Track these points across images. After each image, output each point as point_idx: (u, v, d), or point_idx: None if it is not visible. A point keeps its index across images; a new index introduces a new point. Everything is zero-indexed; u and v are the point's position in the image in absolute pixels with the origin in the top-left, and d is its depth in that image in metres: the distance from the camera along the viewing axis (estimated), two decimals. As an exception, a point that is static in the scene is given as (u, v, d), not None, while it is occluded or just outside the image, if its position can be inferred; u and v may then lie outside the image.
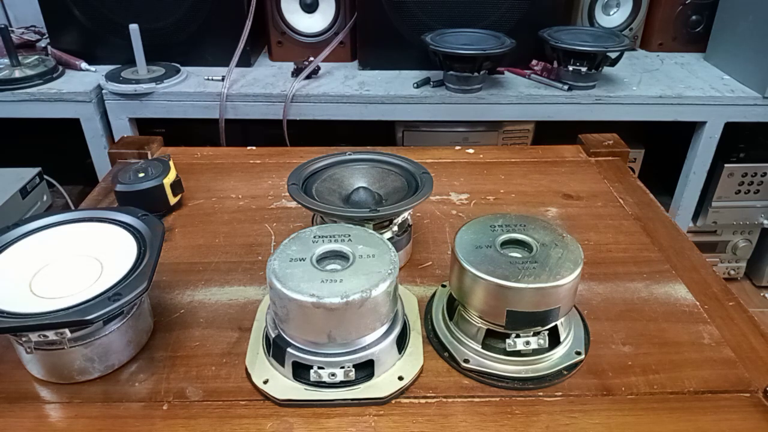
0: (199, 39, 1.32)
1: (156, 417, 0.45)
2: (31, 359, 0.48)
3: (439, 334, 0.52)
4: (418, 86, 1.27)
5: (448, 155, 0.87)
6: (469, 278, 0.47)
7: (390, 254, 0.47)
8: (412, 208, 0.58)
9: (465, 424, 0.45)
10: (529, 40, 1.28)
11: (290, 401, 0.46)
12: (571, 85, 1.25)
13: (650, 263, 0.64)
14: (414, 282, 0.61)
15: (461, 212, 0.74)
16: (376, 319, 0.46)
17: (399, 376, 0.48)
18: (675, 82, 1.31)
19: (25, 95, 1.21)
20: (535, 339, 0.49)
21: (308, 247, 0.48)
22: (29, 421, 0.45)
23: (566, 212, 0.74)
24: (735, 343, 0.53)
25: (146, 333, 0.52)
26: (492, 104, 1.25)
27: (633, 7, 1.43)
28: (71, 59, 1.31)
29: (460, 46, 1.20)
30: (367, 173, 0.64)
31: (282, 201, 0.75)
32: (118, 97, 1.23)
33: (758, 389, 0.48)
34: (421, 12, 1.28)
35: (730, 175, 1.41)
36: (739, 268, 1.60)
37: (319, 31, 1.35)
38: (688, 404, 0.47)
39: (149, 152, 0.85)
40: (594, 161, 0.86)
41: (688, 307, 0.57)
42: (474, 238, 0.50)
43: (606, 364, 0.50)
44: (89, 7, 1.27)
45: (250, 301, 0.57)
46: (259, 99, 1.24)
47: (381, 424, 0.45)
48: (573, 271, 0.46)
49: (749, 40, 1.29)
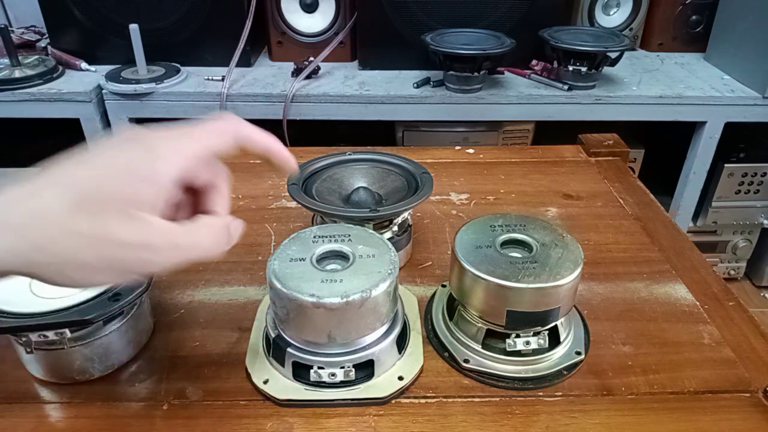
0: (199, 39, 1.32)
1: (156, 417, 0.45)
2: (31, 359, 0.48)
3: (439, 334, 0.52)
4: (418, 86, 1.27)
5: (448, 155, 0.87)
6: (469, 278, 0.47)
7: (390, 254, 0.47)
8: (412, 208, 0.58)
9: (465, 424, 0.45)
10: (529, 40, 1.28)
11: (290, 401, 0.46)
12: (571, 85, 1.26)
13: (650, 263, 0.64)
14: (414, 282, 0.61)
15: (461, 212, 0.74)
16: (376, 319, 0.46)
17: (399, 376, 0.48)
18: (675, 82, 1.32)
19: (25, 95, 1.21)
20: (535, 339, 0.49)
21: (308, 247, 0.48)
22: (29, 421, 0.45)
23: (566, 212, 0.74)
24: (735, 343, 0.53)
25: (146, 333, 0.52)
26: (492, 104, 1.25)
27: (633, 7, 1.43)
28: (71, 59, 1.31)
29: (460, 46, 1.20)
30: (367, 173, 0.64)
31: (282, 201, 0.75)
32: (118, 97, 1.23)
33: (758, 389, 0.48)
34: (421, 12, 1.28)
35: (730, 175, 1.41)
36: (739, 268, 1.60)
37: (319, 31, 1.35)
38: (688, 404, 0.47)
39: (149, 152, 0.85)
40: (594, 161, 0.86)
41: (688, 307, 0.57)
42: (474, 238, 0.50)
43: (606, 364, 0.50)
44: (89, 7, 1.27)
45: (250, 301, 0.57)
46: (259, 99, 1.24)
47: (381, 424, 0.45)
48: (573, 271, 0.46)
49: (749, 40, 1.29)
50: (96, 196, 0.29)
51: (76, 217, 0.29)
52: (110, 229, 0.29)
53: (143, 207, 0.30)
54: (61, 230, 0.28)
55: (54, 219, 0.29)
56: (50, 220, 0.28)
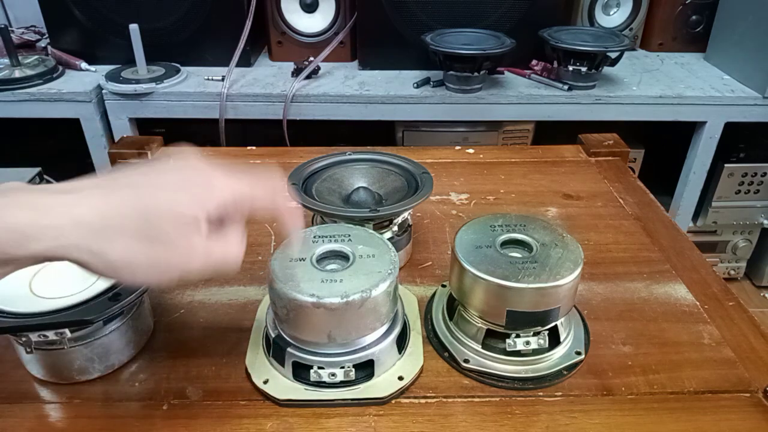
0: (199, 39, 1.32)
1: (156, 417, 0.45)
2: (31, 359, 0.48)
3: (439, 334, 0.52)
4: (418, 86, 1.27)
5: (448, 155, 0.87)
6: (469, 278, 0.47)
7: (390, 254, 0.47)
8: (412, 208, 0.58)
9: (465, 424, 0.45)
10: (529, 40, 1.28)
11: (290, 401, 0.46)
12: (571, 85, 1.25)
13: (650, 263, 0.64)
14: (414, 282, 0.61)
15: (461, 212, 0.74)
16: (376, 319, 0.46)
17: (399, 376, 0.48)
18: (675, 82, 1.31)
19: (25, 95, 1.21)
20: (535, 339, 0.49)
21: (308, 247, 0.48)
22: (29, 421, 0.45)
23: (566, 212, 0.74)
24: (735, 343, 0.53)
25: (146, 333, 0.52)
26: (492, 104, 1.25)
27: (633, 7, 1.43)
28: (71, 59, 1.31)
29: (460, 46, 1.20)
30: (367, 173, 0.64)
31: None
32: (118, 97, 1.23)
33: (758, 389, 0.48)
34: (421, 12, 1.28)
35: (730, 175, 1.41)
36: (739, 268, 1.60)
37: (319, 31, 1.35)
38: (688, 404, 0.47)
39: (149, 152, 0.85)
40: (594, 161, 0.86)
41: (688, 307, 0.57)
42: (474, 238, 0.50)
43: (606, 364, 0.50)
44: (89, 7, 1.27)
45: (250, 301, 0.57)
46: (259, 99, 1.24)
47: (381, 424, 0.45)
48: (573, 271, 0.46)
49: (749, 40, 1.29)
50: (157, 210, 0.34)
51: (139, 224, 0.34)
52: (164, 238, 0.34)
53: (191, 223, 0.36)
54: (124, 233, 0.33)
55: (121, 225, 0.33)
56: (117, 225, 0.33)
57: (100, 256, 0.33)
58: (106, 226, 0.33)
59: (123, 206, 0.34)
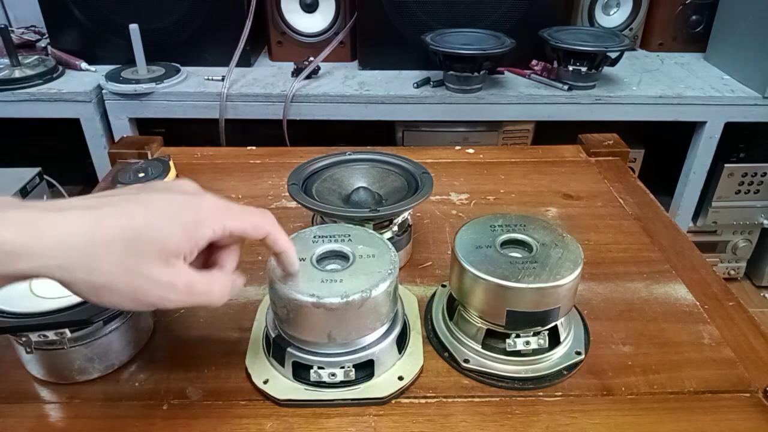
0: (199, 39, 1.32)
1: (156, 417, 0.45)
2: (31, 359, 0.48)
3: (439, 334, 0.52)
4: (418, 86, 1.27)
5: (448, 155, 0.87)
6: (469, 278, 0.47)
7: (390, 254, 0.47)
8: (412, 208, 0.58)
9: (465, 424, 0.45)
10: (529, 40, 1.28)
11: (290, 401, 0.46)
12: (571, 85, 1.25)
13: (650, 263, 0.64)
14: (414, 282, 0.61)
15: (461, 212, 0.74)
16: (376, 319, 0.46)
17: (399, 376, 0.48)
18: (675, 82, 1.31)
19: (25, 95, 1.21)
20: (535, 339, 0.49)
21: (308, 247, 0.48)
22: (29, 421, 0.45)
23: (566, 212, 0.74)
24: (735, 343, 0.53)
25: (146, 333, 0.52)
26: (492, 104, 1.25)
27: (633, 7, 1.43)
28: (71, 59, 1.31)
29: (460, 46, 1.20)
30: (367, 173, 0.64)
31: (282, 201, 0.75)
32: (118, 97, 1.23)
33: (758, 389, 0.48)
34: (421, 12, 1.28)
35: (730, 175, 1.41)
36: (739, 268, 1.60)
37: (319, 31, 1.35)
38: (688, 404, 0.47)
39: (149, 152, 0.85)
40: (594, 161, 0.86)
41: (688, 307, 0.57)
42: (474, 238, 0.50)
43: (606, 364, 0.50)
44: (89, 7, 1.27)
45: (250, 301, 0.57)
46: (259, 99, 1.24)
47: (381, 424, 0.45)
48: (573, 271, 0.46)
49: (749, 40, 1.29)
50: (146, 239, 0.35)
51: (126, 251, 0.34)
52: (148, 268, 0.35)
53: (179, 255, 0.36)
54: (110, 259, 0.33)
55: (108, 250, 0.33)
56: (104, 250, 0.33)
57: (83, 279, 0.33)
58: (93, 250, 0.33)
59: (111, 231, 0.34)
